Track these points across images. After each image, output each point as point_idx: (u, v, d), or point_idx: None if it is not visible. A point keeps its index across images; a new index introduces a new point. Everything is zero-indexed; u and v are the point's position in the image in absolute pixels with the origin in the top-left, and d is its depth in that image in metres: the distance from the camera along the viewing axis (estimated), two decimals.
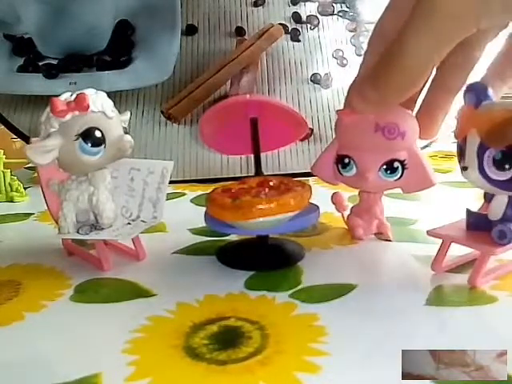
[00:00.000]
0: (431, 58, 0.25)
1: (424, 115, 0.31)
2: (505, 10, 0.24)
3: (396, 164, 0.31)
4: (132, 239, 0.32)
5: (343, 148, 0.33)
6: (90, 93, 0.29)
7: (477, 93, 0.27)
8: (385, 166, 0.31)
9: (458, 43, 0.25)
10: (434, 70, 0.28)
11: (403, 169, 0.32)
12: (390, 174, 0.32)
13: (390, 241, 0.35)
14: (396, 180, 0.32)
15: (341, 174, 0.33)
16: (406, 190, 0.33)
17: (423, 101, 0.32)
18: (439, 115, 0.31)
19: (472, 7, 0.24)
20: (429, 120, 0.31)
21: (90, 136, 0.29)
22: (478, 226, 0.29)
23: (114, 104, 0.30)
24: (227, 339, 0.23)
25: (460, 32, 0.24)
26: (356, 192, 0.35)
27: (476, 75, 0.30)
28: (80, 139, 0.29)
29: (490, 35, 0.28)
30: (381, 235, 0.35)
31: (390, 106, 0.29)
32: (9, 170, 0.50)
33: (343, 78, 0.59)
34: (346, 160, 0.32)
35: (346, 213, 0.36)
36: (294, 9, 0.60)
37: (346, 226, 0.37)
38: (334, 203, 0.36)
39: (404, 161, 0.31)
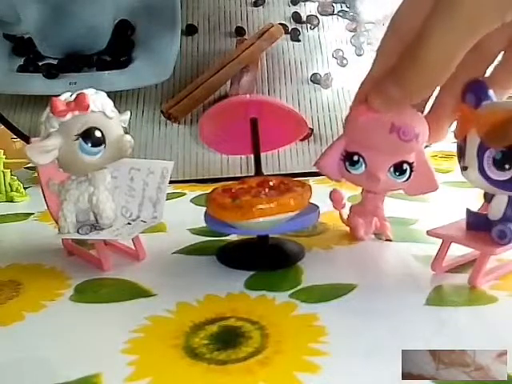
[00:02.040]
0: (456, 52, 0.25)
1: (432, 119, 0.31)
2: None
3: (405, 166, 0.31)
4: (132, 239, 0.32)
5: (353, 145, 0.32)
6: (89, 93, 0.29)
7: (477, 93, 0.27)
8: (394, 168, 0.31)
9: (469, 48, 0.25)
10: None
11: (411, 171, 0.31)
12: (399, 175, 0.31)
13: (390, 240, 0.35)
14: (403, 182, 0.32)
15: (348, 171, 0.33)
16: (409, 192, 0.33)
17: (432, 105, 0.31)
18: (447, 119, 0.31)
19: (497, 0, 0.23)
20: (437, 124, 0.31)
21: (89, 136, 0.29)
22: (478, 226, 0.29)
23: (114, 104, 0.30)
24: (227, 339, 0.23)
25: (484, 26, 0.24)
26: (356, 191, 0.35)
27: None
28: (80, 139, 0.29)
29: (504, 38, 0.28)
30: (381, 235, 0.35)
31: (412, 104, 0.29)
32: (9, 170, 0.50)
33: (343, 78, 0.59)
34: (356, 158, 0.32)
35: (344, 211, 0.36)
36: (294, 9, 0.60)
37: (343, 224, 0.37)
38: (332, 200, 0.36)
39: (412, 163, 0.31)
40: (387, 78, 0.27)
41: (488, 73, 0.30)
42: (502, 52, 0.29)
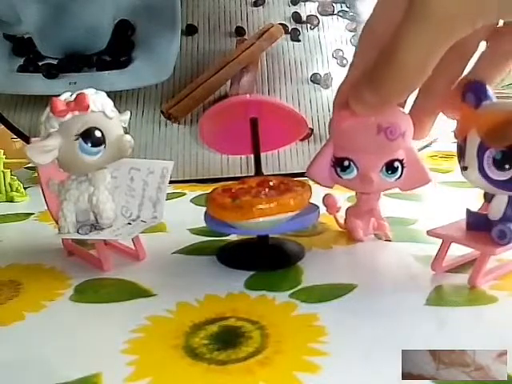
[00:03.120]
0: (429, 59, 0.25)
1: (415, 116, 0.31)
2: (500, 10, 0.24)
3: (396, 164, 0.31)
4: (132, 239, 0.32)
5: (341, 150, 0.32)
6: (89, 93, 0.29)
7: (477, 93, 0.27)
8: (386, 167, 0.31)
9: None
10: None
11: (402, 168, 0.32)
12: (391, 173, 0.32)
13: (390, 240, 0.35)
14: (396, 179, 0.32)
15: (339, 176, 0.33)
16: (403, 187, 0.33)
17: (414, 102, 0.31)
18: (430, 116, 0.31)
19: (467, 7, 0.23)
20: (420, 121, 0.31)
21: (89, 136, 0.29)
22: (478, 226, 0.29)
23: (114, 104, 0.30)
24: (227, 339, 0.23)
25: (457, 33, 0.24)
26: (353, 192, 0.35)
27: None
28: (80, 139, 0.29)
29: (480, 35, 0.28)
30: (380, 235, 0.35)
31: (389, 107, 0.29)
32: (9, 170, 0.50)
33: (343, 78, 0.58)
34: (346, 163, 0.32)
35: (339, 215, 0.36)
36: (294, 9, 0.60)
37: (339, 228, 0.37)
38: (325, 205, 0.36)
39: (403, 160, 0.32)
40: (363, 83, 0.27)
41: (470, 68, 0.30)
42: (484, 46, 0.29)
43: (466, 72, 0.30)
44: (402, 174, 0.32)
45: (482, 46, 0.29)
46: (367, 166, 0.31)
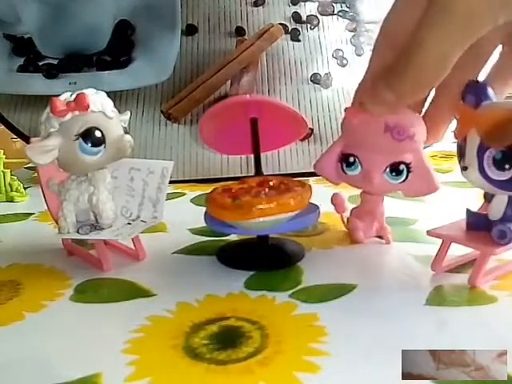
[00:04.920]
0: (449, 56, 0.25)
1: (431, 118, 0.31)
2: None
3: (402, 166, 0.31)
4: (132, 239, 0.32)
5: (349, 147, 0.32)
6: (89, 93, 0.29)
7: (477, 93, 0.27)
8: (390, 168, 0.31)
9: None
10: None
11: (408, 172, 0.31)
12: (395, 176, 0.31)
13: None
14: (400, 183, 0.31)
15: (344, 172, 0.33)
16: (408, 193, 0.32)
17: (430, 104, 0.31)
18: (445, 120, 0.31)
19: (489, 4, 0.23)
20: (435, 123, 0.31)
21: (89, 136, 0.29)
22: (478, 226, 0.29)
23: (114, 104, 0.30)
24: (227, 339, 0.23)
25: (478, 29, 0.24)
26: (356, 192, 0.35)
27: (480, 77, 0.30)
28: (80, 139, 0.29)
29: (498, 35, 0.28)
30: (381, 238, 0.35)
31: (404, 106, 0.29)
32: (9, 170, 0.50)
33: (343, 78, 0.59)
34: (352, 159, 0.32)
35: (346, 214, 0.36)
36: (294, 9, 0.60)
37: (344, 228, 0.37)
38: (333, 204, 0.36)
39: (410, 164, 0.31)
40: (380, 81, 0.27)
41: (487, 71, 0.30)
42: (500, 48, 0.29)
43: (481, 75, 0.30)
44: (406, 177, 0.31)
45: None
46: (371, 165, 0.31)
